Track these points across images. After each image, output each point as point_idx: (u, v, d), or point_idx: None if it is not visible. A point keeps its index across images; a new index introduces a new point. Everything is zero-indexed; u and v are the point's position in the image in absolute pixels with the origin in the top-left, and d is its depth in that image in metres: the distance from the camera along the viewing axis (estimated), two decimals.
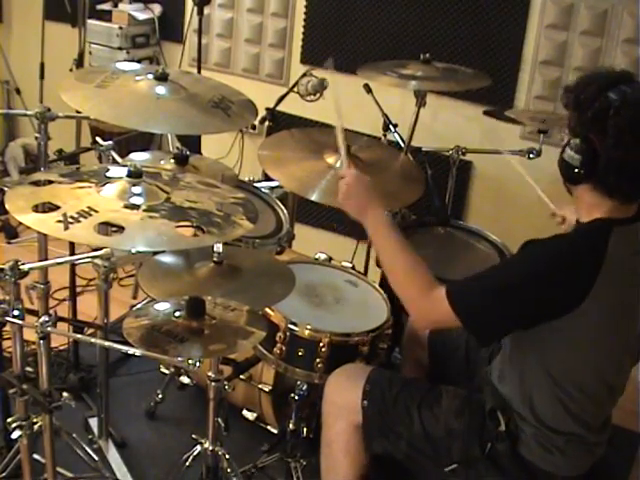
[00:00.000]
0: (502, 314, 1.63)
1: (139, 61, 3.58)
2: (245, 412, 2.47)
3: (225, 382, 1.87)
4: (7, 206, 1.48)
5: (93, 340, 1.81)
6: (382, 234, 1.78)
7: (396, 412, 1.85)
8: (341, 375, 1.96)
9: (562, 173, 1.65)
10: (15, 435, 1.74)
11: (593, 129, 1.55)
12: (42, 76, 3.65)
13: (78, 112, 2.02)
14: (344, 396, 1.90)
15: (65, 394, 1.71)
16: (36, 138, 2.22)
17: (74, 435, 2.28)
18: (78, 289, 2.90)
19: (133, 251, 2.09)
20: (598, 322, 1.62)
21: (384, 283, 2.45)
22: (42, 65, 3.65)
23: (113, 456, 2.42)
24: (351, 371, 1.97)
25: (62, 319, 2.15)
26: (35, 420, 1.74)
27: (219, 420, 1.95)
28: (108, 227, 1.51)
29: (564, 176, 1.65)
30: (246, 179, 2.71)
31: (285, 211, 2.57)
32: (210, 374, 1.85)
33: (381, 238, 1.79)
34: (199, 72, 3.13)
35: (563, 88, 1.66)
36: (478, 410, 1.80)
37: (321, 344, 2.01)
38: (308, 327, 2.03)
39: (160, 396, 2.65)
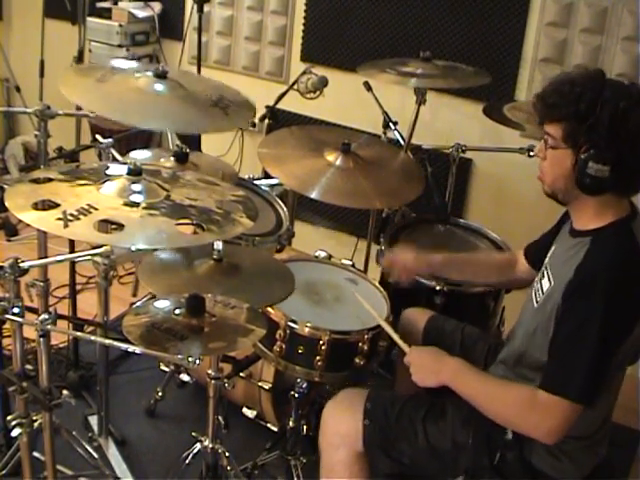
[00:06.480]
0: (607, 367, 1.57)
1: (139, 59, 3.58)
2: (245, 410, 2.47)
3: (225, 380, 1.87)
4: (7, 204, 1.48)
5: (93, 338, 1.79)
6: (462, 385, 1.73)
7: (399, 428, 1.83)
8: (339, 401, 1.93)
9: (586, 187, 1.59)
10: (15, 433, 1.74)
11: (607, 136, 1.53)
12: (42, 74, 3.65)
13: (78, 109, 2.02)
14: (344, 421, 1.87)
15: (65, 392, 1.71)
16: (36, 136, 2.21)
17: (74, 433, 2.28)
18: (78, 287, 2.90)
19: (133, 249, 2.08)
20: None
21: (384, 281, 2.46)
22: (42, 63, 3.65)
23: (113, 454, 2.42)
24: (349, 395, 1.94)
25: (62, 317, 2.14)
26: (35, 418, 1.74)
27: (219, 418, 1.95)
28: (108, 225, 1.51)
29: (590, 189, 1.59)
30: (246, 177, 2.71)
31: (285, 209, 2.57)
32: (210, 372, 1.85)
33: (464, 388, 1.73)
34: (199, 70, 3.13)
35: (546, 104, 1.61)
36: (484, 418, 1.75)
37: (321, 342, 2.01)
38: (308, 325, 2.02)
39: (160, 394, 2.65)
